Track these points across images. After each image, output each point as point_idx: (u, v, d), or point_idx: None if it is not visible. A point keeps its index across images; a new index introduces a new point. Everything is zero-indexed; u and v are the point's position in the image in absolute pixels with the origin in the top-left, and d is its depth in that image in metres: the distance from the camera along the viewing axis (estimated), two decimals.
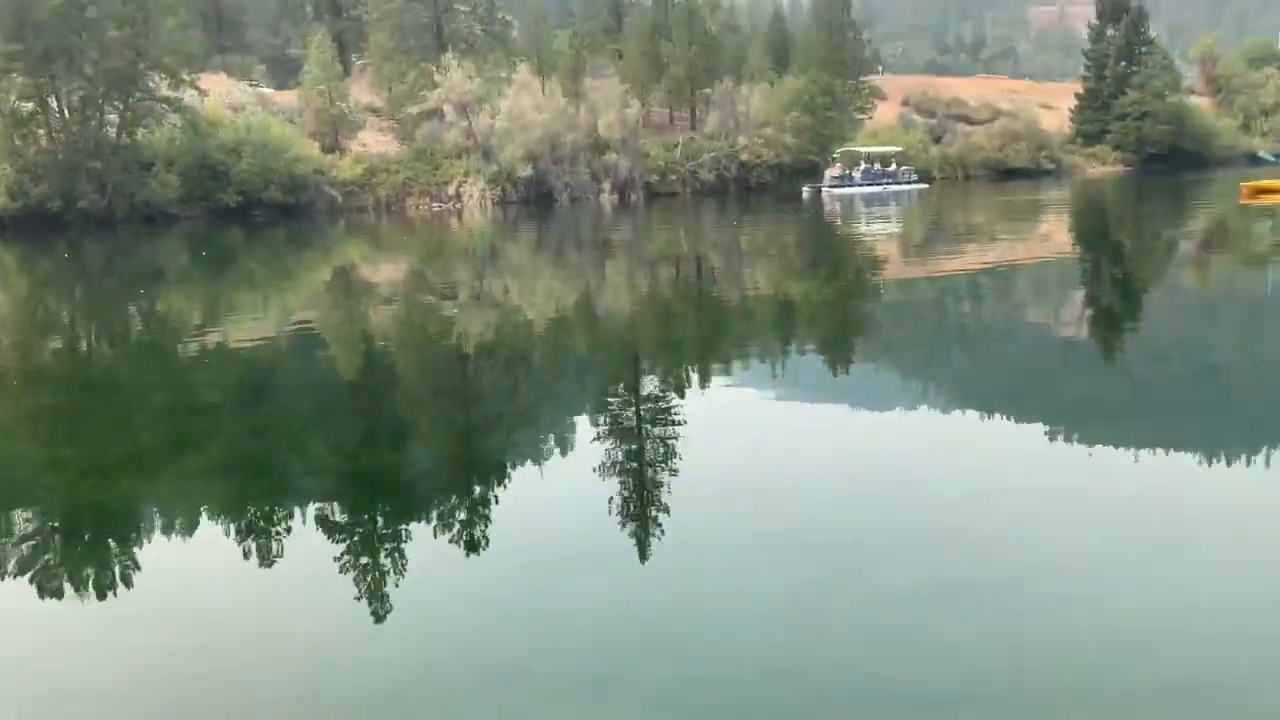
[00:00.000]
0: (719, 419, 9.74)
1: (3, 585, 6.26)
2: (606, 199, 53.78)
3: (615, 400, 10.83)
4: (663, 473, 8.01)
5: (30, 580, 6.31)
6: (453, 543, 6.66)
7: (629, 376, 12.21)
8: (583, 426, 9.65)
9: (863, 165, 55.83)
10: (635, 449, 8.75)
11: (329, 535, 6.97)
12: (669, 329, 15.72)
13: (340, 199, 49.74)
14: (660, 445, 8.76)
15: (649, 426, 9.39)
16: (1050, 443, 8.63)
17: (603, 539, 6.58)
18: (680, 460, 8.26)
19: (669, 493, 7.47)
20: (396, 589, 5.97)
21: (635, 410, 10.17)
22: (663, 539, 6.54)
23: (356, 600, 5.85)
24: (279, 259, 32.32)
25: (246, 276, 26.65)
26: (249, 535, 7.04)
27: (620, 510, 7.11)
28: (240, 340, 15.47)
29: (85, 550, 6.97)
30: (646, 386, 11.50)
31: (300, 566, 6.45)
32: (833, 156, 57.30)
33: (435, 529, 6.99)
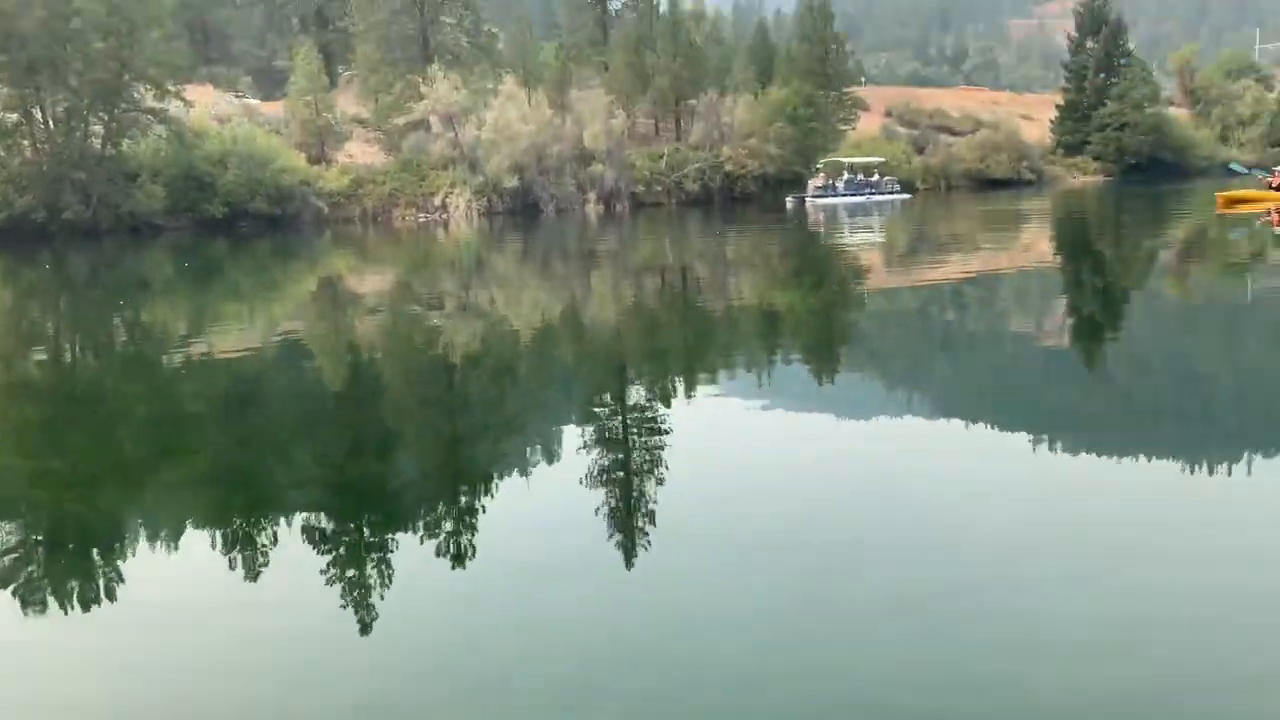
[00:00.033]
0: (704, 428, 9.79)
1: None
2: (592, 209, 53.86)
3: (601, 410, 10.88)
4: (649, 482, 8.06)
5: (13, 593, 6.30)
6: (439, 553, 6.68)
7: (615, 386, 12.26)
8: (569, 436, 9.69)
9: (845, 176, 56.12)
10: (621, 458, 8.79)
11: (315, 546, 6.98)
12: (655, 339, 15.79)
13: (326, 210, 49.69)
14: (646, 455, 8.81)
15: (635, 436, 9.44)
16: (1033, 451, 8.72)
17: (589, 548, 6.62)
18: (666, 470, 8.31)
19: (655, 502, 7.51)
20: (382, 600, 5.99)
21: (621, 420, 10.22)
22: (649, 548, 6.58)
23: (342, 611, 5.86)
24: (265, 270, 32.24)
25: (232, 287, 26.59)
26: (234, 546, 7.04)
27: (606, 520, 7.15)
28: (226, 351, 15.45)
29: (69, 562, 6.95)
30: (632, 396, 11.55)
31: (286, 578, 6.46)
32: (816, 167, 57.59)
33: (421, 539, 7.01)
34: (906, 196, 56.71)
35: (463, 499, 8.01)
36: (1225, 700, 4.64)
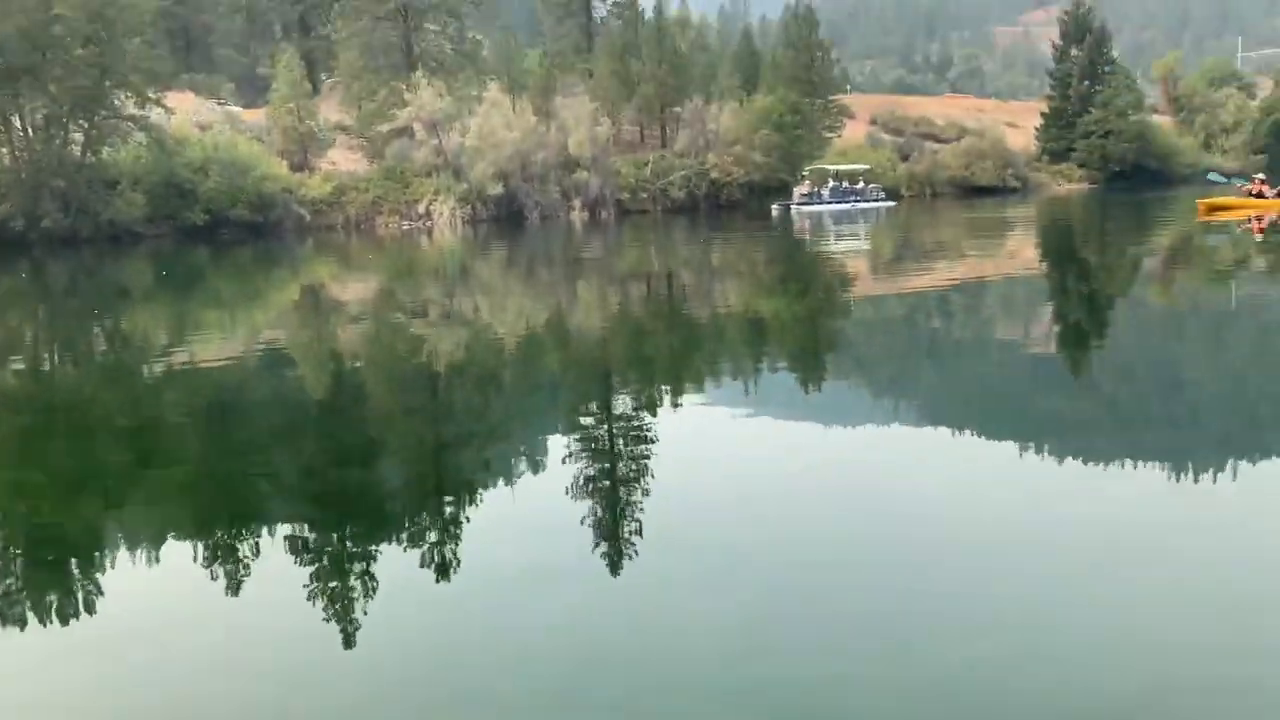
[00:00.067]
0: (690, 436, 9.72)
1: None
2: (577, 217, 53.82)
3: (586, 418, 10.79)
4: (634, 491, 7.98)
5: None
6: (423, 562, 6.59)
7: (600, 394, 12.18)
8: (554, 445, 9.60)
9: (831, 183, 56.24)
10: (607, 467, 8.71)
11: (297, 556, 6.88)
12: (640, 346, 15.71)
13: (309, 217, 49.40)
14: (631, 463, 8.73)
15: (620, 444, 9.36)
16: (1020, 458, 8.69)
17: (573, 557, 6.54)
18: (651, 478, 8.24)
19: (640, 511, 7.44)
20: (366, 611, 5.90)
21: (607, 428, 10.13)
22: (634, 557, 6.50)
23: (325, 622, 5.77)
24: (246, 278, 32.04)
25: (213, 296, 26.39)
26: (216, 557, 6.93)
27: (591, 529, 7.07)
28: (207, 360, 15.29)
29: (47, 574, 6.83)
30: (618, 404, 11.47)
31: (268, 588, 6.35)
32: (802, 174, 57.71)
33: (405, 548, 6.92)
34: (891, 204, 56.90)
35: (447, 508, 7.92)
36: (1210, 707, 4.60)
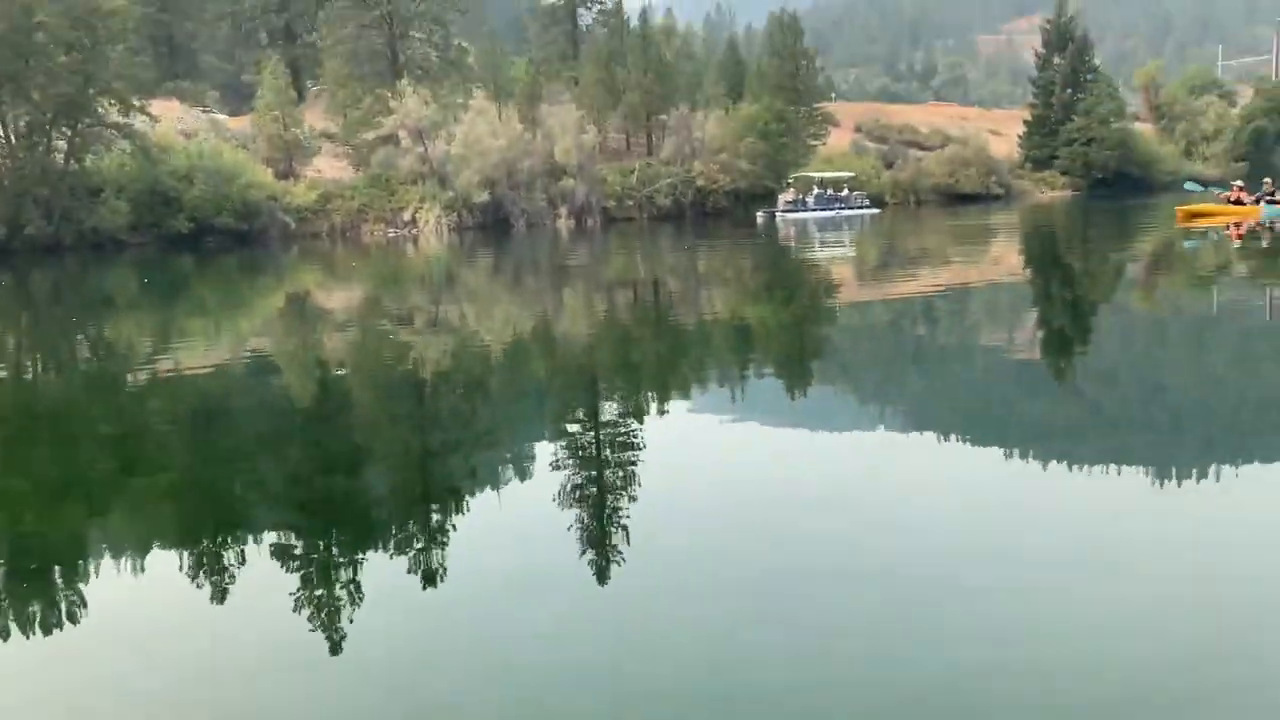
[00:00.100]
0: (676, 443, 9.73)
1: None
2: (563, 224, 53.86)
3: (573, 425, 10.78)
4: (621, 498, 7.97)
5: None
6: (409, 571, 6.57)
7: (587, 401, 12.17)
8: (540, 452, 9.58)
9: (816, 191, 56.46)
10: (593, 475, 8.71)
11: (283, 564, 6.85)
12: (626, 353, 15.72)
13: (294, 225, 49.31)
14: (618, 471, 8.73)
15: (607, 452, 9.36)
16: (1004, 463, 8.72)
17: (559, 565, 6.52)
18: (638, 486, 8.23)
19: (627, 518, 7.43)
20: (351, 619, 5.88)
21: (593, 435, 10.13)
22: (621, 565, 6.49)
23: (311, 631, 5.74)
24: (231, 286, 31.91)
25: (198, 304, 26.28)
26: (200, 566, 6.89)
27: (577, 537, 7.06)
28: (192, 368, 15.23)
29: (30, 584, 6.76)
30: (604, 411, 11.47)
31: (253, 596, 6.32)
32: (787, 182, 57.92)
33: (391, 557, 6.90)
34: (876, 211, 57.18)
35: (433, 516, 7.90)
36: (1197, 713, 4.62)
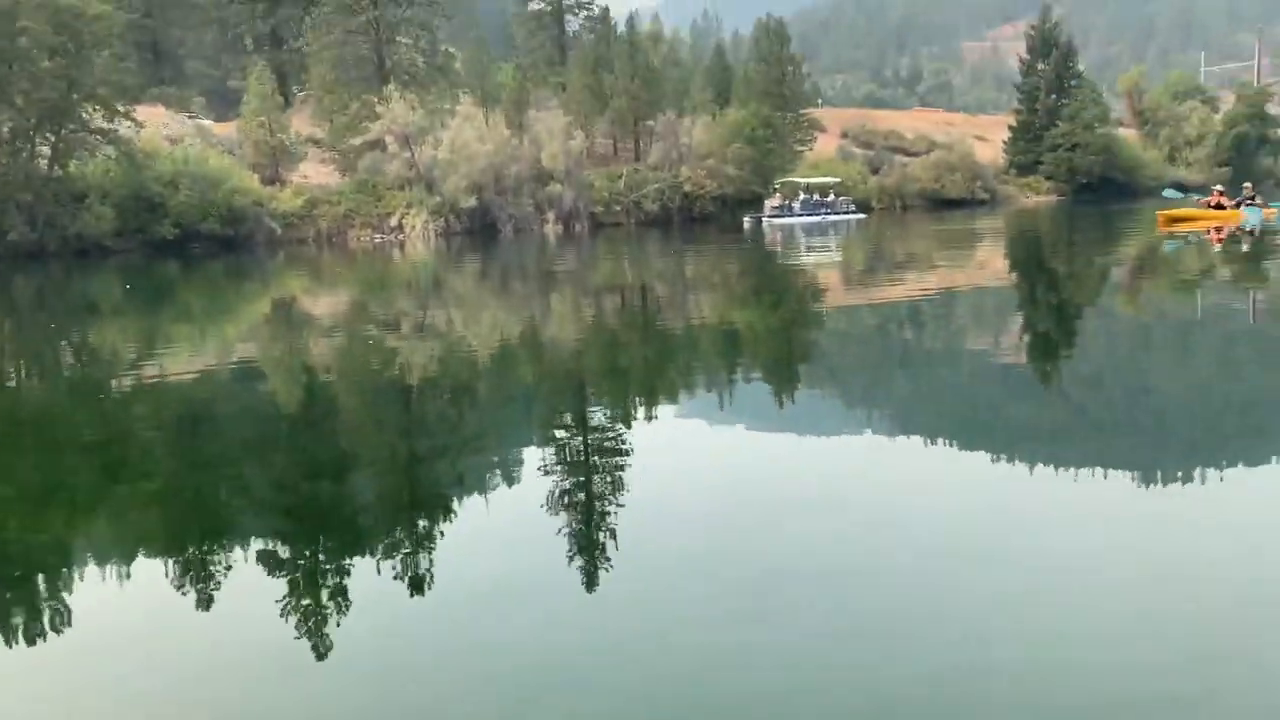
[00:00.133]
0: (665, 448, 9.73)
1: None
2: (551, 230, 53.86)
3: (560, 431, 10.77)
4: (609, 504, 7.97)
5: None
6: (396, 577, 6.54)
7: (575, 407, 12.16)
8: (528, 458, 9.57)
9: (802, 196, 56.61)
10: (581, 480, 8.70)
11: (268, 570, 6.82)
12: (614, 358, 15.72)
13: (280, 231, 49.16)
14: (606, 476, 8.72)
15: (595, 457, 9.35)
16: (990, 466, 8.76)
17: (547, 571, 6.51)
18: (626, 491, 8.23)
19: (615, 524, 7.42)
20: (338, 625, 5.85)
21: (581, 441, 10.12)
22: (609, 570, 6.48)
23: (296, 638, 5.71)
24: (217, 292, 31.78)
25: (183, 309, 26.17)
26: (186, 572, 6.84)
27: (565, 542, 7.04)
28: (177, 374, 15.15)
29: (14, 590, 6.72)
30: (592, 417, 11.46)
31: (239, 602, 6.28)
32: (774, 187, 58.07)
33: (378, 563, 6.86)
34: (862, 216, 57.38)
35: (420, 522, 7.88)
36: (1178, 716, 4.63)
